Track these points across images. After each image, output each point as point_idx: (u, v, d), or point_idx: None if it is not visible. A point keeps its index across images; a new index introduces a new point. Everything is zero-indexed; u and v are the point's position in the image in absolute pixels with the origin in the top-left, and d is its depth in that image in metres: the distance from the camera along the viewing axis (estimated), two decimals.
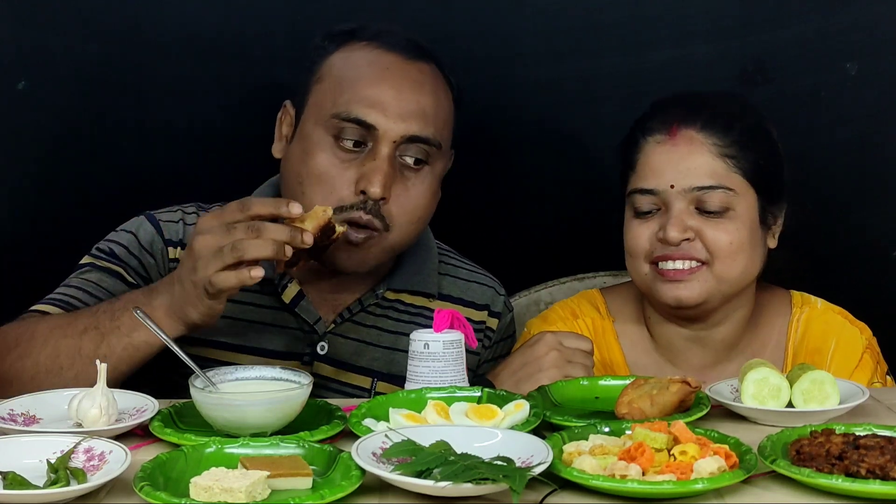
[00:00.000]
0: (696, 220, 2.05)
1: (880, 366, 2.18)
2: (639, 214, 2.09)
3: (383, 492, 1.44)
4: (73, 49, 2.53)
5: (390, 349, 2.12)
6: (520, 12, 2.56)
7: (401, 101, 1.99)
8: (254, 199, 1.82)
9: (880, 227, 2.64)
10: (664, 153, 2.06)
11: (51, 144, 2.56)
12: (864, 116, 2.60)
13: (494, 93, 2.56)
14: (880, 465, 1.44)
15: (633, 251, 2.10)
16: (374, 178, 1.95)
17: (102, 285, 2.03)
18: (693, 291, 2.05)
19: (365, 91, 1.99)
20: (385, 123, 1.97)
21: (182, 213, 2.13)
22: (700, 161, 2.04)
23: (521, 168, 2.62)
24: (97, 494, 1.44)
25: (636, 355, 2.19)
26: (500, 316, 2.22)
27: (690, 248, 2.04)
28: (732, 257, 2.05)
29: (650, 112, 2.13)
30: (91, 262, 2.07)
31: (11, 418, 1.66)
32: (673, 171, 2.05)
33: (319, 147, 1.99)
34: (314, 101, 2.03)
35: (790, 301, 2.21)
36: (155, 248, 2.08)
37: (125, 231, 2.11)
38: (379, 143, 1.98)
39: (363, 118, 1.97)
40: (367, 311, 2.12)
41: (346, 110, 1.98)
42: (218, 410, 1.61)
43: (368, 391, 2.10)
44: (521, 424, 1.62)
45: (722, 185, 2.04)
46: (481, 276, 2.24)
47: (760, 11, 2.57)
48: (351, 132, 1.98)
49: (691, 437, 1.51)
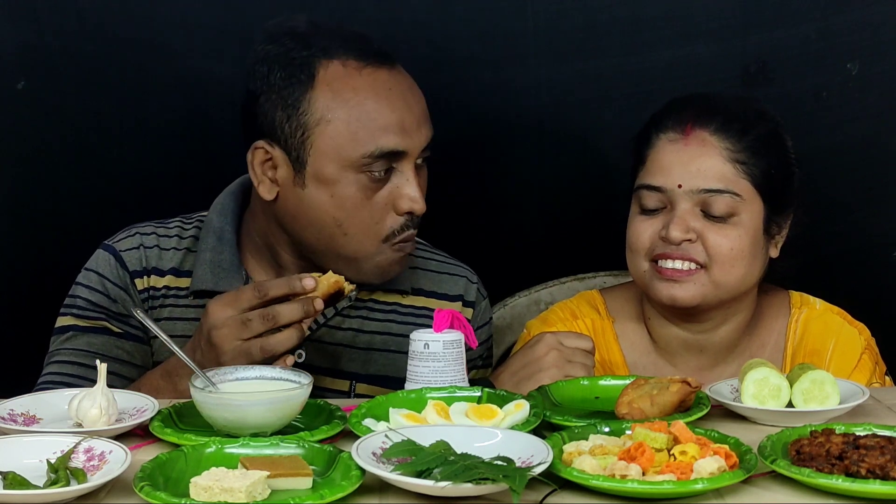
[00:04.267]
0: (699, 222, 2.04)
1: (879, 366, 2.18)
2: (644, 210, 2.08)
3: (383, 492, 1.44)
4: (73, 48, 2.52)
5: (367, 349, 2.11)
6: (520, 12, 2.56)
7: (413, 115, 1.98)
8: (268, 284, 1.81)
9: (881, 228, 2.64)
10: (675, 152, 2.05)
11: (50, 144, 2.56)
12: (865, 117, 2.60)
13: (494, 93, 2.56)
14: (880, 465, 1.44)
15: (634, 246, 2.09)
16: (416, 194, 1.96)
17: (93, 349, 2.02)
18: (688, 293, 2.04)
19: (384, 122, 1.94)
20: (411, 143, 1.97)
21: (140, 237, 2.10)
22: (710, 163, 2.04)
23: (522, 168, 2.62)
24: (97, 494, 1.44)
25: (636, 356, 2.19)
26: (475, 305, 2.20)
27: (691, 249, 2.04)
28: (731, 263, 2.04)
29: (666, 109, 2.11)
30: (73, 325, 2.05)
31: (11, 418, 1.66)
32: (682, 170, 2.04)
33: (356, 187, 1.95)
34: (325, 144, 1.94)
35: (789, 302, 2.21)
36: (125, 282, 2.07)
37: (91, 272, 2.08)
38: (407, 160, 1.97)
39: (395, 149, 1.95)
40: (341, 315, 2.10)
41: (376, 148, 1.94)
42: (218, 410, 1.61)
43: (348, 394, 2.09)
44: (521, 424, 1.62)
45: (729, 189, 2.03)
46: (452, 267, 2.21)
47: (762, 11, 2.56)
48: (382, 164, 1.96)
49: (691, 437, 1.51)
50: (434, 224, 2.16)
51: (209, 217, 2.11)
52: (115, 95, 2.54)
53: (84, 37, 2.52)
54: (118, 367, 2.02)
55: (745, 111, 2.10)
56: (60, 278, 2.11)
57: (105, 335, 2.04)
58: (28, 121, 2.55)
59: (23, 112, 2.54)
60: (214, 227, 2.08)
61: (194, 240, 2.10)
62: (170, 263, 2.09)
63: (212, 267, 2.05)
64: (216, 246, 2.06)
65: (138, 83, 2.54)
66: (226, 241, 2.07)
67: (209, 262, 2.06)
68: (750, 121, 2.08)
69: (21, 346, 2.33)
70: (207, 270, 2.05)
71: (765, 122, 2.10)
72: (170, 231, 2.12)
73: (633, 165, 2.13)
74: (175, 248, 2.10)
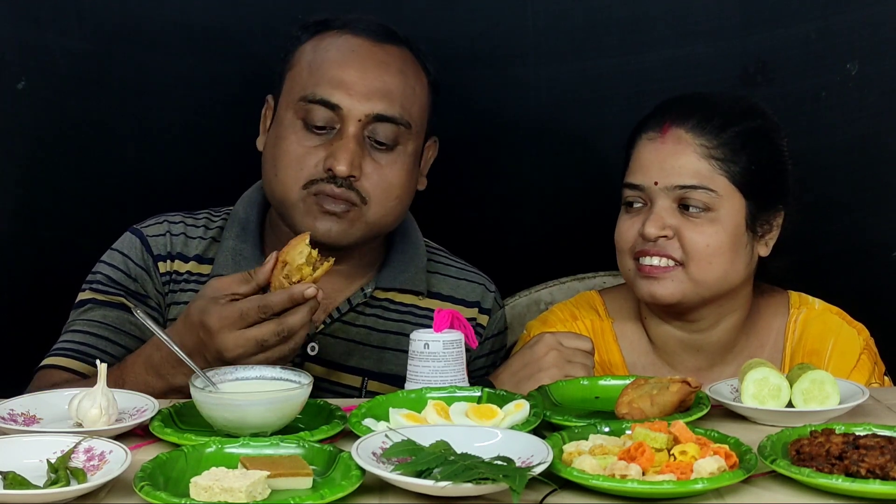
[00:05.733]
0: (676, 219, 2.05)
1: (878, 367, 2.17)
2: (627, 209, 2.11)
3: (383, 492, 1.44)
4: (73, 48, 2.52)
5: (380, 348, 2.13)
6: (520, 12, 2.56)
7: (365, 80, 2.03)
8: (270, 301, 1.80)
9: (880, 228, 2.64)
10: (653, 150, 2.08)
11: (50, 143, 2.56)
12: (865, 117, 2.60)
13: (495, 93, 2.56)
14: (880, 465, 1.44)
15: (618, 244, 2.12)
16: (340, 155, 1.99)
17: (108, 321, 2.06)
18: (667, 290, 2.05)
19: (330, 73, 2.03)
20: (350, 103, 2.01)
21: (168, 225, 2.15)
22: (684, 161, 2.05)
23: (522, 168, 2.62)
24: (97, 494, 1.44)
25: (635, 356, 2.19)
26: (490, 313, 2.23)
27: (667, 245, 2.05)
28: (708, 260, 2.04)
29: (651, 111, 2.14)
30: (91, 298, 2.09)
31: (11, 418, 1.66)
32: (658, 168, 2.06)
33: (290, 130, 2.04)
34: (287, 88, 2.08)
35: (788, 302, 2.21)
36: (147, 264, 2.11)
37: (115, 251, 2.13)
38: (345, 122, 2.02)
39: (328, 98, 2.01)
40: (356, 311, 2.12)
41: (312, 92, 2.03)
42: (218, 410, 1.61)
43: (359, 390, 2.11)
44: (521, 424, 1.62)
45: (704, 185, 2.04)
46: (471, 274, 2.24)
47: (761, 11, 2.56)
48: (318, 114, 2.02)
49: (691, 437, 1.51)
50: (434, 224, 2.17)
51: (236, 208, 2.17)
52: (115, 95, 2.54)
53: (84, 37, 2.52)
54: (128, 341, 2.06)
55: (728, 109, 2.11)
56: (60, 278, 2.11)
57: (120, 310, 2.07)
58: (28, 120, 2.55)
59: (23, 112, 2.54)
60: (240, 218, 2.14)
61: (220, 230, 2.15)
62: (195, 251, 2.13)
63: (233, 255, 2.10)
64: (240, 235, 2.12)
65: (138, 83, 2.54)
66: (249, 232, 2.12)
67: (231, 249, 2.10)
68: (730, 118, 2.08)
69: (21, 346, 2.33)
70: (229, 258, 2.10)
71: (750, 118, 2.11)
72: (198, 221, 2.17)
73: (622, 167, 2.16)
74: (201, 237, 2.15)
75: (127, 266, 2.11)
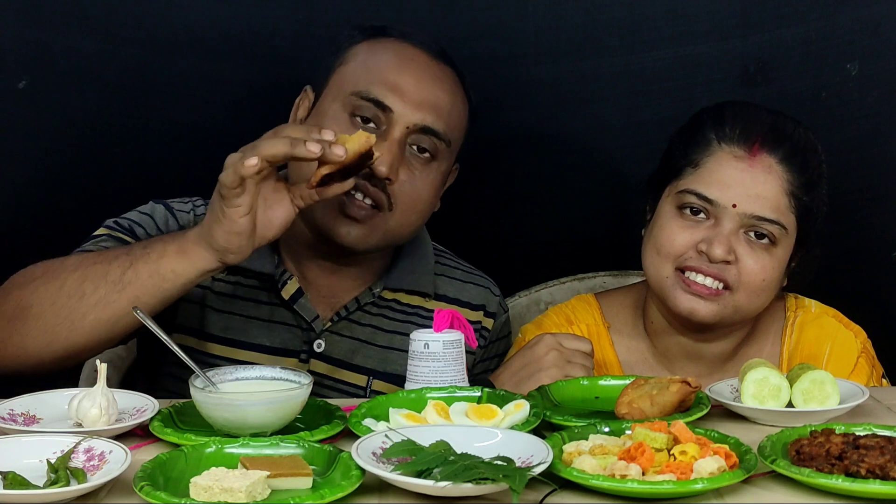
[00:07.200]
0: (741, 245, 2.00)
1: (875, 369, 2.16)
2: (682, 214, 2.03)
3: (383, 492, 1.44)
4: (75, 48, 2.53)
5: (386, 348, 2.13)
6: (520, 12, 2.56)
7: (420, 90, 2.02)
8: (285, 126, 1.81)
9: (881, 228, 2.64)
10: (739, 170, 2.00)
11: (52, 143, 2.56)
12: (865, 117, 2.60)
13: (494, 93, 2.55)
14: (880, 465, 1.44)
15: (664, 250, 2.03)
16: (384, 156, 1.97)
17: None
18: (710, 311, 2.01)
19: (387, 75, 2.02)
20: (401, 108, 2.00)
21: (192, 205, 2.15)
22: (770, 193, 2.00)
23: (521, 168, 2.62)
24: (97, 494, 1.44)
25: (632, 364, 2.16)
26: (495, 316, 2.23)
27: (725, 270, 2.00)
28: (758, 293, 2.02)
29: (727, 118, 2.05)
30: (107, 234, 2.07)
31: (11, 418, 1.66)
32: (742, 192, 1.99)
33: (334, 120, 2.01)
34: (336, 81, 2.06)
35: (784, 305, 2.19)
36: (171, 230, 2.08)
37: (141, 212, 2.12)
38: (392, 126, 2.00)
39: (381, 99, 2.00)
40: (363, 310, 2.13)
41: (366, 90, 2.01)
42: (218, 410, 1.61)
43: (364, 389, 2.11)
44: (521, 424, 1.62)
45: (780, 221, 2.00)
46: (476, 277, 2.25)
47: (761, 11, 2.56)
48: (366, 110, 2.01)
49: (691, 437, 1.51)
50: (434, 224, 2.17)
51: None
52: (116, 95, 2.54)
53: (86, 36, 2.52)
54: None
55: (804, 143, 2.06)
56: None
57: None
58: (29, 120, 2.55)
59: (24, 111, 2.54)
60: None
61: None
62: None
63: None
64: None
65: (140, 83, 2.54)
66: None
67: None
68: (808, 155, 2.05)
69: None
70: None
71: (818, 156, 2.08)
72: None
73: (674, 162, 2.07)
74: None
75: (149, 225, 2.08)
